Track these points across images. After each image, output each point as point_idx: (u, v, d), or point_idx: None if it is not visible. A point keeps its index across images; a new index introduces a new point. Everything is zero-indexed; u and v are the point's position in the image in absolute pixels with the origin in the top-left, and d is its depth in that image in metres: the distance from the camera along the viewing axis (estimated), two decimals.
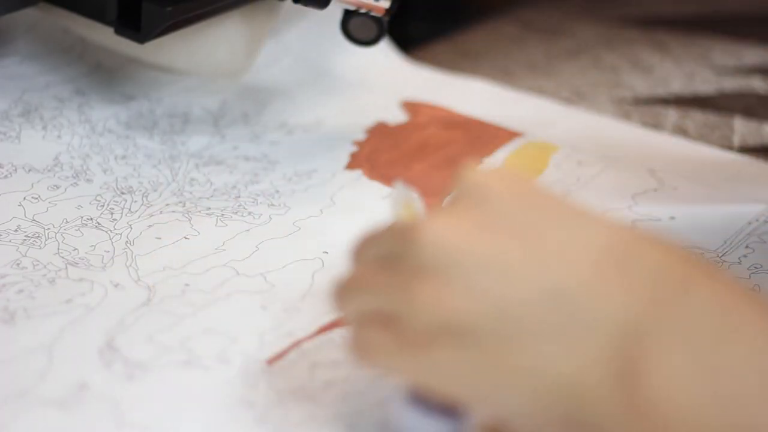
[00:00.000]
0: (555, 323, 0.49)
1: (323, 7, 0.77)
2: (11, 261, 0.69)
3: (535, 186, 0.52)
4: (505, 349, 0.49)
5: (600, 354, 0.48)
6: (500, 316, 0.49)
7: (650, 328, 0.48)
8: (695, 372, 0.47)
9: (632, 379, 0.47)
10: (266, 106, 0.90)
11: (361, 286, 0.53)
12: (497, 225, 0.50)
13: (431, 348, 0.50)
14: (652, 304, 0.48)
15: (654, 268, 0.49)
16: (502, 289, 0.49)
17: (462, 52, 1.05)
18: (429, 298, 0.50)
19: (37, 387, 0.59)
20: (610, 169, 0.83)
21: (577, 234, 0.50)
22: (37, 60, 0.87)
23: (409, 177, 0.81)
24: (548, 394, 0.48)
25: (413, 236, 0.51)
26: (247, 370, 0.61)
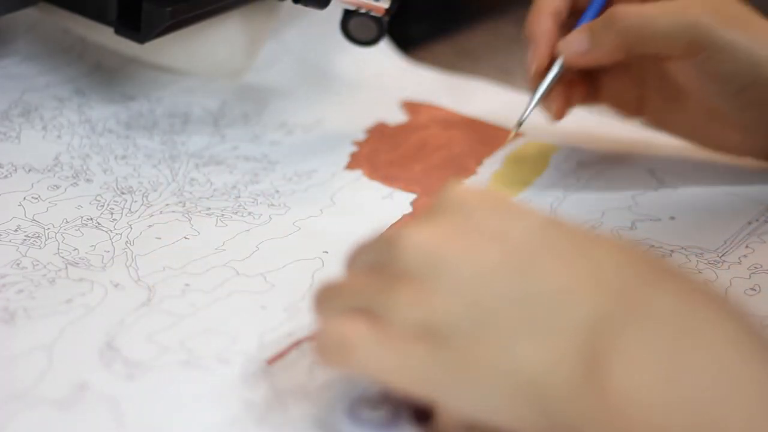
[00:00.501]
0: (527, 322, 0.50)
1: (323, 7, 0.77)
2: (11, 261, 0.69)
3: (510, 200, 0.54)
4: (479, 348, 0.50)
5: (569, 350, 0.49)
6: (475, 317, 0.50)
7: (616, 325, 0.49)
8: (658, 370, 0.48)
9: (599, 374, 0.48)
10: (266, 106, 0.90)
11: (344, 289, 0.55)
12: (473, 231, 0.52)
13: (408, 344, 0.51)
14: (619, 302, 0.49)
15: (622, 269, 0.51)
16: (478, 290, 0.51)
17: (462, 52, 1.05)
18: (408, 297, 0.51)
19: (37, 387, 0.59)
20: (610, 170, 0.83)
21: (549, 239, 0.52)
22: (37, 60, 0.87)
23: (409, 177, 0.81)
24: (522, 393, 0.49)
25: (396, 243, 0.53)
26: (247, 370, 0.61)
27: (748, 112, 0.75)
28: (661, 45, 0.74)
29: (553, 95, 0.78)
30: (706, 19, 0.72)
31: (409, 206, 0.78)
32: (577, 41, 0.76)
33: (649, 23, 0.73)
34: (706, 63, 0.73)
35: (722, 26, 0.72)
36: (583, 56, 0.76)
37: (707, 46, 0.72)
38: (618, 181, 0.81)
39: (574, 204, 0.79)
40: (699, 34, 0.72)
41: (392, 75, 0.97)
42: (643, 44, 0.74)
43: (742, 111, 0.75)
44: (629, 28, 0.73)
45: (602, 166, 0.83)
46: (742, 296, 0.69)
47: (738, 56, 0.72)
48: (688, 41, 0.72)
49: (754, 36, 0.72)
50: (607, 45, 0.75)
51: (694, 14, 0.72)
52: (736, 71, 0.73)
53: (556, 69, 0.77)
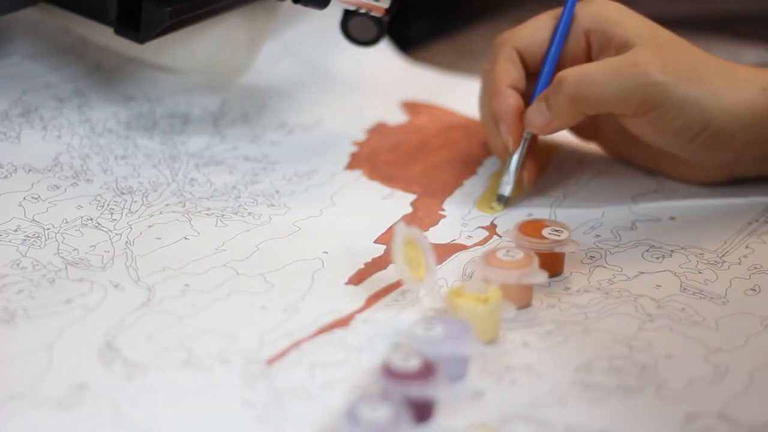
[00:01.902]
0: None
1: (323, 7, 0.77)
2: (11, 261, 0.69)
3: None
4: None
5: None
6: None
7: None
8: None
9: None
10: (266, 106, 0.90)
11: None
12: None
13: None
14: None
15: None
16: None
17: (462, 52, 1.05)
18: None
19: (37, 387, 0.59)
20: (610, 170, 0.83)
21: None
22: (37, 60, 0.87)
23: (409, 177, 0.81)
24: None
25: None
26: (247, 370, 0.61)
27: (700, 154, 0.75)
28: (612, 107, 0.73)
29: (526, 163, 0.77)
30: (658, 77, 0.72)
31: (409, 206, 0.78)
32: (536, 114, 0.75)
33: (597, 88, 0.73)
34: (659, 119, 0.73)
35: (672, 83, 0.72)
36: (546, 127, 0.75)
37: (660, 104, 0.72)
38: (618, 182, 0.81)
39: (575, 204, 0.79)
40: (650, 94, 0.72)
41: (392, 75, 0.97)
42: (594, 108, 0.74)
43: (695, 154, 0.75)
44: (578, 94, 0.73)
45: (602, 166, 0.83)
46: (742, 296, 0.69)
47: (689, 111, 0.72)
48: (639, 101, 0.72)
49: (702, 87, 0.72)
50: (563, 112, 0.74)
51: (644, 73, 0.72)
52: (688, 124, 0.73)
53: (523, 141, 0.76)
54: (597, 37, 0.75)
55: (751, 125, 0.73)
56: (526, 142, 0.77)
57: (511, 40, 0.77)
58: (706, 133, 0.73)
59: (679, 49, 0.74)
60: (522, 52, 0.77)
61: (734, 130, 0.73)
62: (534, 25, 0.78)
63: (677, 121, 0.73)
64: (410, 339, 0.61)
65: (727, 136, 0.73)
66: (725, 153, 0.75)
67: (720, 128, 0.73)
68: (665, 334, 0.66)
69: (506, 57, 0.77)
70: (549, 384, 0.62)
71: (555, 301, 0.68)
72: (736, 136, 0.74)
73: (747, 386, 0.61)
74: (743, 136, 0.74)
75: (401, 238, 0.65)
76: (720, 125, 0.73)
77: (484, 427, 0.58)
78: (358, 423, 0.55)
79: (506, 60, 0.77)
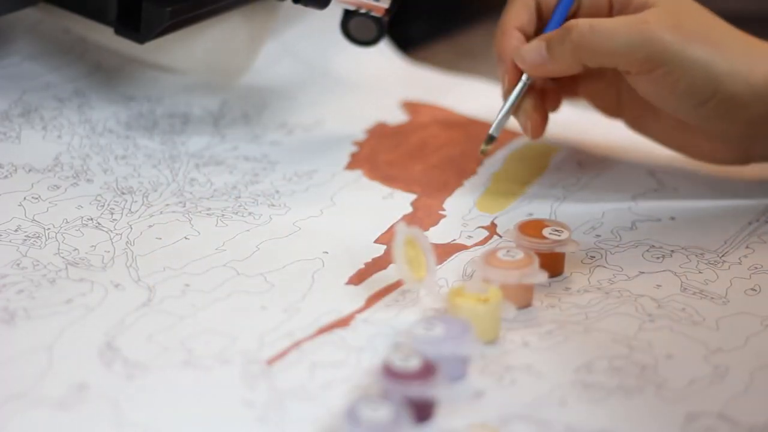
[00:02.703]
0: None
1: (323, 7, 0.77)
2: (11, 261, 0.69)
3: None
4: None
5: None
6: None
7: None
8: None
9: None
10: (266, 106, 0.90)
11: None
12: None
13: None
14: None
15: None
16: None
17: (462, 52, 1.05)
18: None
19: (37, 387, 0.59)
20: (610, 170, 0.83)
21: None
22: (37, 60, 0.87)
23: (409, 177, 0.81)
24: None
25: None
26: (247, 370, 0.61)
27: (713, 123, 0.74)
28: (616, 60, 0.73)
29: (528, 112, 0.77)
30: (664, 35, 0.72)
31: (409, 206, 0.78)
32: (532, 52, 0.75)
33: (605, 39, 0.72)
34: (664, 78, 0.72)
35: (680, 42, 0.72)
36: (539, 67, 0.75)
37: (664, 62, 0.72)
38: (618, 182, 0.81)
39: (574, 204, 0.79)
40: (655, 51, 0.72)
41: (392, 75, 0.97)
42: (599, 59, 0.74)
43: (707, 123, 0.74)
44: (584, 43, 0.73)
45: (602, 167, 0.83)
46: (743, 296, 0.69)
47: (696, 72, 0.72)
48: (644, 57, 0.72)
49: (714, 50, 0.72)
50: (564, 58, 0.74)
51: (650, 30, 0.72)
52: (695, 86, 0.72)
53: (521, 83, 0.76)
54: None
55: (765, 99, 0.72)
56: (524, 86, 0.76)
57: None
58: (716, 98, 0.72)
59: (698, 13, 0.74)
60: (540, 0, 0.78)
61: (748, 99, 0.72)
62: None
63: (683, 82, 0.72)
64: (410, 339, 0.61)
65: (740, 104, 0.72)
66: (740, 125, 0.74)
67: (731, 95, 0.72)
68: (665, 334, 0.66)
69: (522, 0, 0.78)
70: (549, 384, 0.62)
71: (555, 301, 0.68)
72: (750, 106, 0.72)
73: (747, 386, 0.61)
74: (759, 109, 0.73)
75: (402, 237, 0.65)
76: (731, 91, 0.72)
77: (484, 427, 0.58)
78: (358, 423, 0.55)
79: (521, 2, 0.78)
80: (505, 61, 0.77)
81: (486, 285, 0.65)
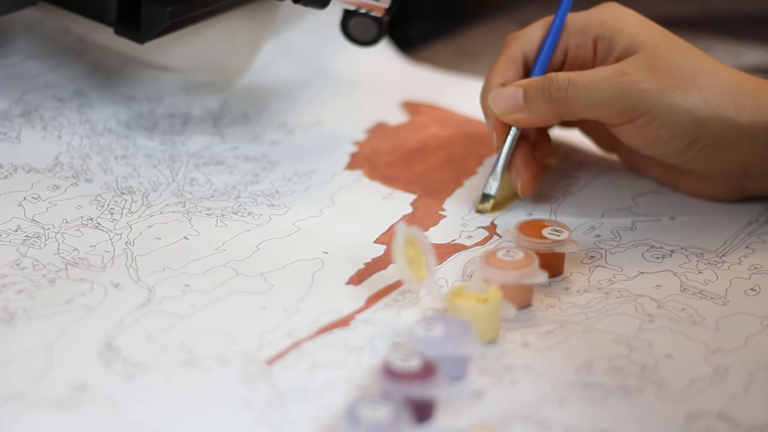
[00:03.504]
0: None
1: (323, 7, 0.77)
2: (11, 261, 0.69)
3: None
4: None
5: None
6: None
7: None
8: None
9: None
10: (266, 106, 0.90)
11: None
12: None
13: None
14: None
15: None
16: None
17: (462, 52, 1.05)
18: None
19: (37, 387, 0.59)
20: (610, 170, 0.83)
21: None
22: (37, 60, 0.87)
23: (409, 177, 0.81)
24: None
25: None
26: (247, 370, 0.61)
27: (701, 165, 0.74)
28: (595, 113, 0.73)
29: (518, 169, 0.76)
30: (642, 85, 0.71)
31: (409, 206, 0.78)
32: (506, 97, 0.75)
33: (584, 93, 0.72)
34: (646, 127, 0.72)
35: (660, 90, 0.71)
36: (513, 114, 0.75)
37: (644, 112, 0.72)
38: (618, 182, 0.81)
39: (575, 204, 0.79)
40: (635, 102, 0.71)
41: (392, 75, 0.97)
42: (579, 113, 0.74)
43: (695, 165, 0.74)
44: (563, 98, 0.73)
45: (602, 167, 0.83)
46: (742, 296, 0.69)
47: (678, 118, 0.72)
48: (623, 109, 0.72)
49: (696, 94, 0.72)
50: (541, 111, 0.74)
51: (628, 82, 0.71)
52: (677, 132, 0.72)
53: (510, 137, 0.76)
54: (603, 44, 0.75)
55: (755, 137, 0.72)
56: (514, 140, 0.76)
57: (518, 40, 0.77)
58: (701, 142, 0.72)
59: (681, 57, 0.73)
60: (527, 54, 0.77)
61: (735, 140, 0.72)
62: (541, 28, 0.77)
63: (665, 129, 0.72)
64: (410, 339, 0.61)
65: (726, 145, 0.72)
66: (730, 164, 0.74)
67: (717, 137, 0.72)
68: (665, 334, 0.66)
69: (508, 55, 0.77)
70: (549, 384, 0.62)
71: (555, 301, 0.68)
72: (738, 145, 0.72)
73: (747, 386, 0.61)
74: (747, 147, 0.73)
75: (402, 238, 0.65)
76: (717, 134, 0.72)
77: (484, 427, 0.58)
78: (358, 423, 0.55)
79: (507, 58, 0.77)
80: (491, 117, 0.76)
81: (486, 285, 0.65)
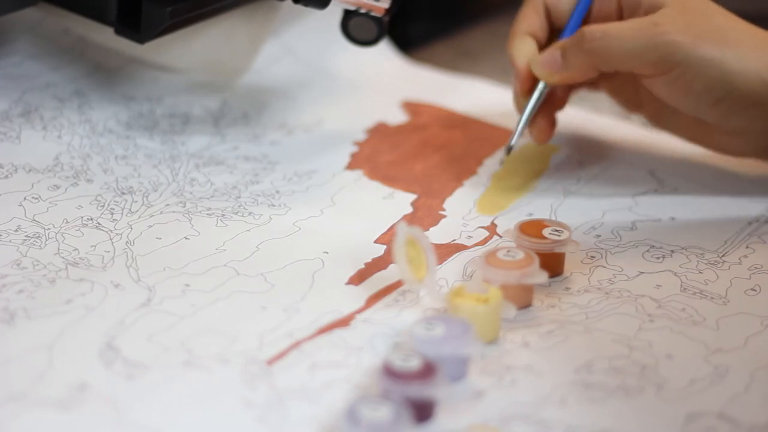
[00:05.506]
0: None
1: (323, 7, 0.77)
2: (11, 261, 0.69)
3: None
4: None
5: None
6: None
7: None
8: None
9: None
10: (266, 106, 0.90)
11: None
12: None
13: None
14: None
15: None
16: None
17: (462, 52, 1.05)
18: None
19: (37, 387, 0.59)
20: (610, 170, 0.83)
21: None
22: (37, 60, 0.87)
23: (409, 177, 0.81)
24: None
25: None
26: (247, 370, 0.61)
27: (730, 120, 0.74)
28: (630, 64, 0.74)
29: (536, 117, 0.78)
30: (675, 36, 0.72)
31: (409, 206, 0.78)
32: (548, 60, 0.76)
33: (617, 44, 0.73)
34: (678, 79, 0.73)
35: (692, 42, 0.72)
36: (556, 75, 0.76)
37: (677, 63, 0.72)
38: (618, 182, 0.81)
39: (575, 204, 0.79)
40: (668, 53, 0.72)
41: (392, 75, 0.97)
42: (612, 64, 0.74)
43: (724, 120, 0.75)
44: (597, 49, 0.73)
45: (602, 166, 0.83)
46: (743, 296, 0.69)
47: (710, 72, 0.72)
48: (657, 60, 0.72)
49: (727, 48, 0.72)
50: (578, 66, 0.75)
51: (662, 33, 0.72)
52: (709, 86, 0.72)
53: (538, 91, 0.77)
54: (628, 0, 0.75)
55: None
56: (541, 95, 0.76)
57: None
58: (732, 97, 0.72)
59: (709, 12, 0.74)
60: (549, 5, 0.78)
61: (763, 96, 0.72)
62: None
63: (697, 82, 0.72)
64: (410, 339, 0.61)
65: (756, 101, 0.72)
66: (757, 120, 0.74)
67: (747, 92, 0.72)
68: (665, 334, 0.66)
69: (533, 5, 0.78)
70: (549, 384, 0.62)
71: (555, 301, 0.69)
72: (765, 104, 0.72)
73: (747, 386, 0.61)
74: None
75: (402, 237, 0.65)
76: (746, 89, 0.72)
77: (485, 428, 0.58)
78: (358, 423, 0.55)
79: (532, 8, 0.78)
80: (517, 66, 0.77)
81: (486, 285, 0.65)
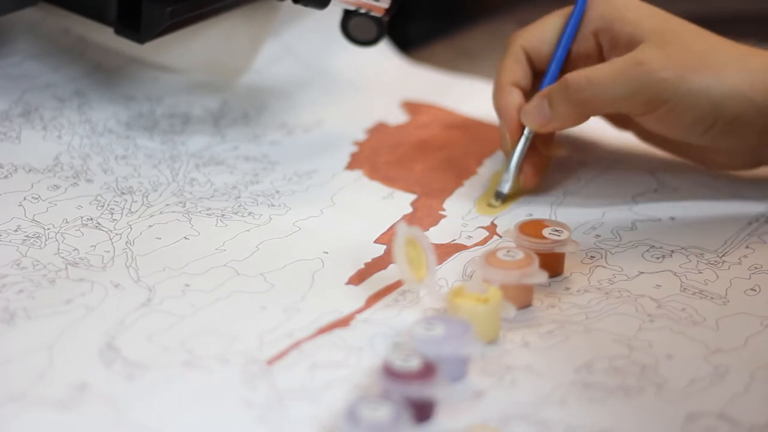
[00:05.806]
0: None
1: (323, 7, 0.77)
2: (11, 261, 0.69)
3: None
4: None
5: None
6: None
7: None
8: None
9: None
10: (266, 106, 0.90)
11: None
12: None
13: None
14: None
15: None
16: None
17: (462, 52, 1.05)
18: None
19: (37, 387, 0.59)
20: (610, 170, 0.83)
21: None
22: (37, 60, 0.87)
23: (409, 177, 0.81)
24: None
25: None
26: (247, 370, 0.61)
27: (721, 143, 0.74)
28: (618, 107, 0.74)
29: (523, 164, 0.77)
30: (663, 74, 0.71)
31: (409, 206, 0.78)
32: (537, 111, 0.75)
33: (603, 90, 0.73)
34: (668, 114, 0.73)
35: (679, 78, 0.71)
36: (547, 126, 0.76)
37: (666, 101, 0.72)
38: (618, 182, 0.81)
39: (575, 204, 0.79)
40: (656, 92, 0.72)
41: (392, 75, 0.97)
42: (601, 110, 0.75)
43: (715, 143, 0.74)
44: (584, 98, 0.73)
45: (602, 166, 0.83)
46: (743, 296, 0.69)
47: (698, 104, 0.72)
48: (646, 101, 0.72)
49: (711, 75, 0.72)
50: (566, 115, 0.75)
51: (647, 72, 0.71)
52: (698, 117, 0.72)
53: (524, 138, 0.77)
54: (605, 36, 0.75)
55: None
56: (528, 140, 0.77)
57: (519, 39, 0.77)
58: (721, 122, 0.72)
59: (689, 39, 0.73)
60: (529, 51, 0.77)
61: (752, 116, 0.72)
62: (543, 25, 0.77)
63: (687, 115, 0.72)
64: (410, 339, 0.61)
65: (744, 122, 0.72)
66: (747, 139, 0.74)
67: (735, 116, 0.72)
68: (665, 334, 0.66)
69: (512, 55, 0.77)
70: (549, 384, 0.62)
71: (555, 301, 0.68)
72: (755, 121, 0.72)
73: (747, 386, 0.61)
74: (763, 123, 0.72)
75: (402, 237, 0.65)
76: (734, 113, 0.72)
77: (485, 428, 0.58)
78: (358, 423, 0.55)
79: (512, 58, 0.77)
80: (505, 118, 0.77)
81: (486, 285, 0.65)
